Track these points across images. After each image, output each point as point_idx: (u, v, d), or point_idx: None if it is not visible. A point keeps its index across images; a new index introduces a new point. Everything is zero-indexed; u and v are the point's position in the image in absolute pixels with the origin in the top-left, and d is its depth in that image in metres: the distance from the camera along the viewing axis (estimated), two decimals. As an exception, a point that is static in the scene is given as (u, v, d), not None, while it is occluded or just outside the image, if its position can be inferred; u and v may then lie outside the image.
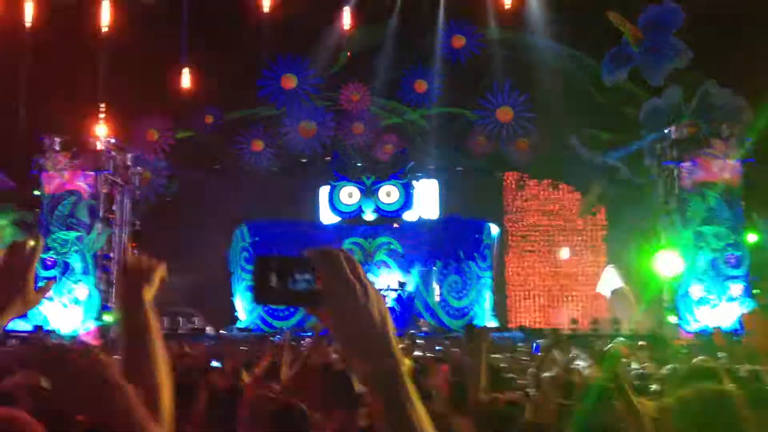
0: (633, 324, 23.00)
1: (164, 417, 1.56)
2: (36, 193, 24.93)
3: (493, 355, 10.17)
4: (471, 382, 4.21)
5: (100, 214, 24.66)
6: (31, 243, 1.75)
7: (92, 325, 23.34)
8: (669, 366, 6.71)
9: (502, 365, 8.38)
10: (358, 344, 1.25)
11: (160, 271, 1.85)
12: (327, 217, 27.35)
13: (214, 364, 7.93)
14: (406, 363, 1.25)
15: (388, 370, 1.22)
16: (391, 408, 1.21)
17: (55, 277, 22.56)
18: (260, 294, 1.30)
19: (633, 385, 5.24)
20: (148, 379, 1.57)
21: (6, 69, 26.17)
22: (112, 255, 24.92)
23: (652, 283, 23.23)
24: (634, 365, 9.72)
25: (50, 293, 22.51)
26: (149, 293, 1.77)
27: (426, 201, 27.51)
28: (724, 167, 22.64)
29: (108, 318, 23.66)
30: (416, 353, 8.92)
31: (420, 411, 1.22)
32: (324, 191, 27.51)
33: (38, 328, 21.75)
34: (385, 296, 4.37)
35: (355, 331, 1.24)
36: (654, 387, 6.15)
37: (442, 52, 26.94)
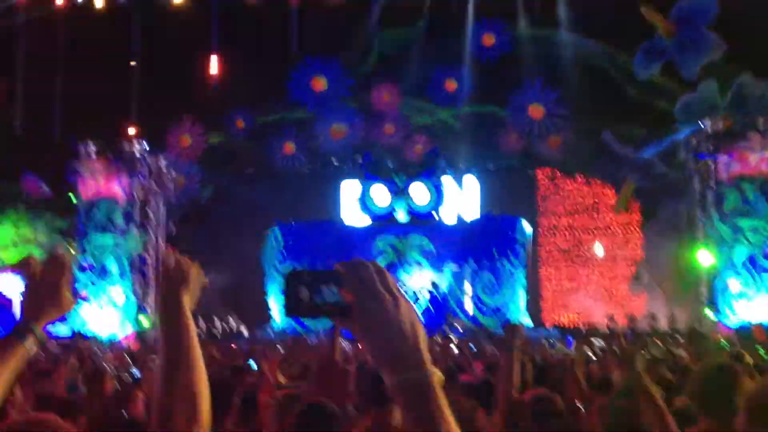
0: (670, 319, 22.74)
1: (203, 423, 1.57)
2: (72, 199, 25.30)
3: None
4: (502, 378, 4.20)
5: (136, 218, 24.96)
6: (65, 252, 1.76)
7: (130, 329, 23.63)
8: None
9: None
10: (389, 357, 1.24)
11: (200, 276, 1.86)
12: (351, 216, 27.31)
13: (252, 364, 8.00)
14: (438, 375, 1.26)
15: (419, 383, 1.22)
16: (422, 421, 1.20)
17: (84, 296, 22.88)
18: (291, 307, 1.32)
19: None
20: (188, 386, 1.58)
21: (41, 76, 26.62)
22: (147, 259, 25.22)
23: (689, 277, 22.93)
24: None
25: (86, 296, 22.87)
26: (188, 297, 1.78)
27: (468, 198, 27.26)
28: (761, 160, 22.26)
29: (145, 321, 23.94)
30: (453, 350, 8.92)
31: (450, 423, 1.21)
32: (346, 186, 27.45)
33: (76, 334, 22.04)
34: (417, 299, 4.39)
35: (385, 344, 1.24)
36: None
37: (471, 50, 26.85)
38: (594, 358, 8.92)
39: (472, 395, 4.55)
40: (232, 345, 15.73)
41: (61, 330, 21.90)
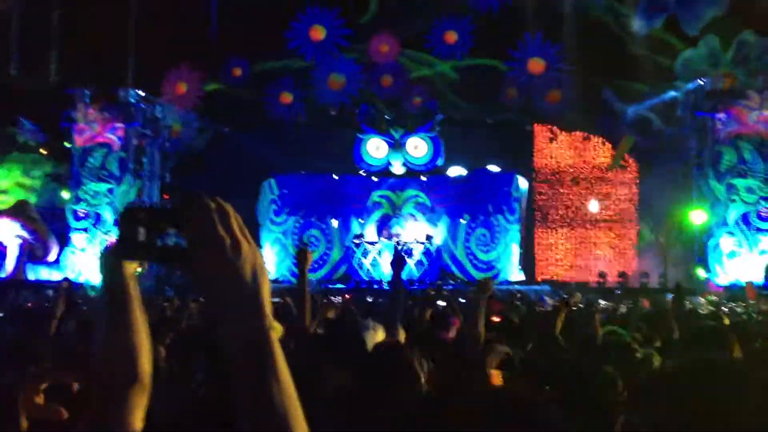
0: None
1: (144, 382, 1.55)
2: (67, 145, 25.19)
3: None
4: (467, 329, 4.27)
5: (131, 166, 24.89)
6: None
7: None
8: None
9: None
10: (224, 306, 1.12)
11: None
12: (347, 167, 27.23)
13: None
14: (278, 328, 1.12)
15: (255, 334, 1.10)
16: (255, 378, 1.09)
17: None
18: (125, 249, 1.20)
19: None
20: (129, 344, 1.54)
21: (36, 23, 26.27)
22: (143, 207, 25.22)
23: (682, 235, 23.04)
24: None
25: (83, 244, 22.88)
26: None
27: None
28: (759, 119, 22.19)
29: (139, 269, 24.01)
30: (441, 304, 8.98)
31: (286, 384, 1.11)
32: (342, 137, 27.32)
33: (65, 280, 22.10)
34: (411, 252, 4.36)
35: (221, 290, 1.11)
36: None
37: (473, 2, 26.51)
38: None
39: (447, 352, 4.61)
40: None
41: (56, 277, 21.99)
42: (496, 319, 6.54)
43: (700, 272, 22.40)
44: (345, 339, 3.62)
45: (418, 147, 26.75)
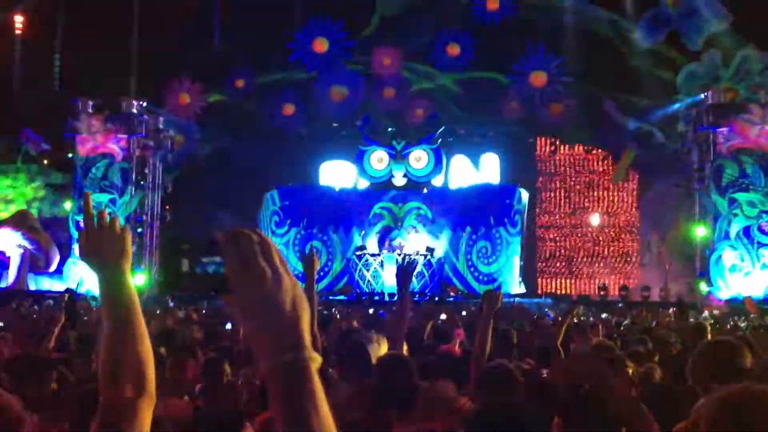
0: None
1: (150, 392, 1.57)
2: (70, 155, 25.24)
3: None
4: (476, 347, 4.18)
5: (133, 177, 24.92)
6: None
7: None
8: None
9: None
10: (264, 336, 1.13)
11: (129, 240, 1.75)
12: (349, 179, 27.29)
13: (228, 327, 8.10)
14: (317, 359, 1.13)
15: (293, 366, 1.11)
16: (293, 409, 1.10)
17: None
18: (170, 280, 1.20)
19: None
20: (134, 356, 1.56)
21: (40, 33, 26.40)
22: (144, 218, 25.23)
23: (684, 249, 23.00)
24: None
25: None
26: (128, 266, 1.72)
27: (490, 172, 27.17)
28: (761, 133, 22.20)
29: (141, 280, 24.04)
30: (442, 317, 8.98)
31: (324, 415, 1.11)
32: (325, 167, 27.47)
33: (69, 290, 22.10)
34: (413, 264, 4.31)
35: (261, 322, 1.13)
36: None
37: (475, 15, 26.60)
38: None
39: (450, 366, 4.57)
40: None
41: (57, 287, 21.99)
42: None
43: (702, 286, 22.35)
44: (350, 351, 3.62)
45: (420, 159, 26.78)
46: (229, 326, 8.08)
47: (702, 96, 23.17)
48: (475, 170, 26.86)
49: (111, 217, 1.70)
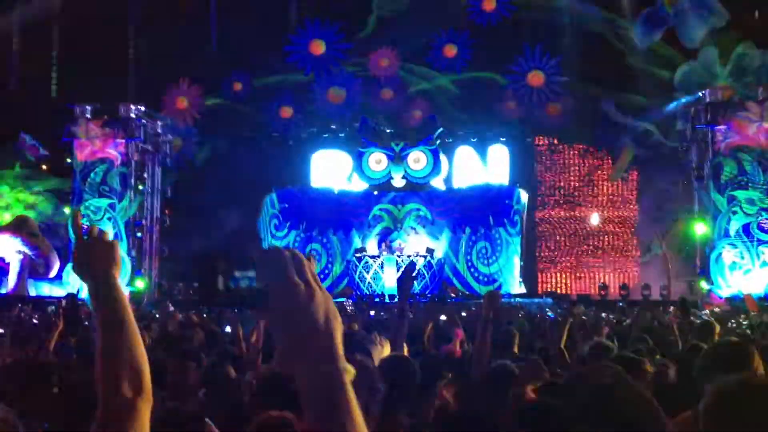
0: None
1: (148, 395, 1.60)
2: (68, 161, 25.22)
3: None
4: (476, 348, 4.18)
5: (132, 181, 24.91)
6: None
7: (126, 292, 23.65)
8: None
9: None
10: (298, 349, 1.17)
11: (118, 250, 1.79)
12: (348, 181, 27.34)
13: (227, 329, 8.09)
14: (350, 371, 1.17)
15: (328, 378, 1.15)
16: (328, 421, 1.13)
17: None
18: (206, 296, 1.24)
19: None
20: (130, 360, 1.60)
21: (38, 37, 26.37)
22: (143, 222, 25.21)
23: (684, 248, 22.99)
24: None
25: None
26: (117, 272, 1.75)
27: (498, 167, 27.25)
28: (760, 131, 22.21)
29: (140, 284, 24.02)
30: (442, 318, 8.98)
31: (360, 426, 1.14)
32: (317, 157, 27.46)
33: (71, 296, 22.07)
34: (413, 266, 4.30)
35: (296, 335, 1.17)
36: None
37: (472, 16, 26.61)
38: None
39: (452, 367, 4.57)
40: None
41: (57, 293, 21.97)
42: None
43: (703, 284, 22.35)
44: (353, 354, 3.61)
45: (418, 160, 26.79)
46: (228, 329, 8.08)
47: (699, 94, 23.17)
48: (482, 163, 26.89)
49: (100, 230, 1.76)
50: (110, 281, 1.71)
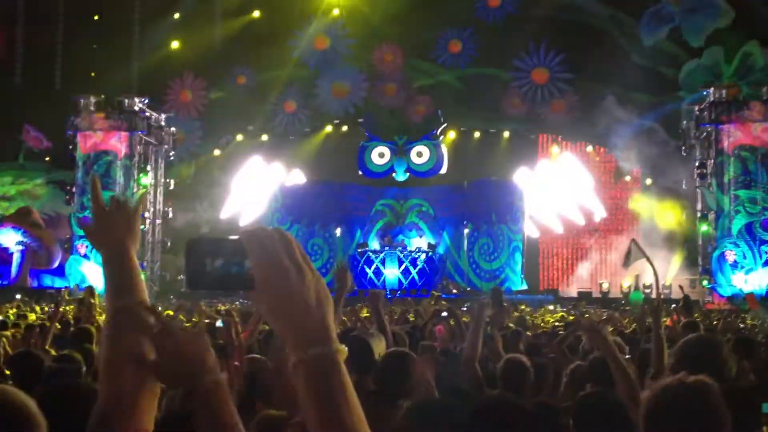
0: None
1: (152, 381, 1.57)
2: (72, 152, 25.24)
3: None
4: (467, 348, 4.17)
5: (135, 173, 24.91)
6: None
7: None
8: None
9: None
10: (291, 331, 1.16)
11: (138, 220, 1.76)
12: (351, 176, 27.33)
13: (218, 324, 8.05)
14: (344, 351, 1.16)
15: (322, 359, 1.14)
16: (322, 401, 1.13)
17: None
18: (194, 279, 1.22)
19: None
20: (135, 348, 1.56)
21: (41, 30, 26.39)
22: (146, 214, 25.22)
23: (687, 246, 22.97)
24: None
25: (85, 252, 22.91)
26: (135, 244, 1.72)
27: (501, 163, 27.26)
28: (764, 130, 22.15)
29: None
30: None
31: (353, 404, 1.14)
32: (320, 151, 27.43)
33: (64, 289, 22.12)
34: (415, 260, 4.31)
35: (288, 318, 1.16)
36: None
37: (477, 12, 26.57)
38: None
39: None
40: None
41: (59, 284, 22.00)
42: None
43: (705, 282, 22.32)
44: (354, 347, 3.63)
45: (421, 154, 26.78)
46: (219, 323, 8.05)
47: (704, 93, 23.09)
48: (484, 159, 26.87)
49: (125, 198, 1.73)
50: (124, 250, 1.68)
